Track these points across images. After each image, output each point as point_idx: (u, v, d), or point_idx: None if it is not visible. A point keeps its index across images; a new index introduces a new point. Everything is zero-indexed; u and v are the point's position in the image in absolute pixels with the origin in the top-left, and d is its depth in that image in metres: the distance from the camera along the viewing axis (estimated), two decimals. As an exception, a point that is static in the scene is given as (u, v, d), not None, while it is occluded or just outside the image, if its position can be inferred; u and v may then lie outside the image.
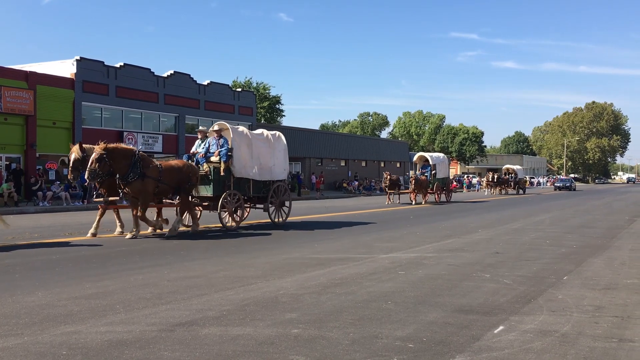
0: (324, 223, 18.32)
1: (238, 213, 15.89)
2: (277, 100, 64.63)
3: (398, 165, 66.33)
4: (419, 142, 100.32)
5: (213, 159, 15.46)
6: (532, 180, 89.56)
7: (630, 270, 9.64)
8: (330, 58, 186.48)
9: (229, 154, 15.41)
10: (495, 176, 50.14)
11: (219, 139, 15.62)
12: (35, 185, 26.99)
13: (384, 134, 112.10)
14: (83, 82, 31.51)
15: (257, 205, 17.37)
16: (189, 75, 38.81)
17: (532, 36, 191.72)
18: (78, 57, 31.65)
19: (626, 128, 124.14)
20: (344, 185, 50.66)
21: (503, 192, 49.91)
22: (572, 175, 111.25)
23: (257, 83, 62.27)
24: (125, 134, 33.69)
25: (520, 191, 52.34)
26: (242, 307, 6.52)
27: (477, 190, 60.47)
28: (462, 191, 57.16)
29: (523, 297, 7.35)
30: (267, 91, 62.77)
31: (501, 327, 5.85)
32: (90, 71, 32.03)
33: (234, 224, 15.59)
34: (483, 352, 5.04)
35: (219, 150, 15.41)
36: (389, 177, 32.99)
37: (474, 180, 68.94)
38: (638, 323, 6.17)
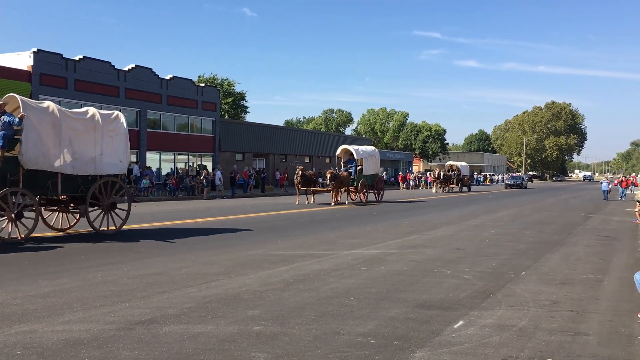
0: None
1: (30, 220, 11.97)
2: (241, 96, 64.17)
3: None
4: (383, 139, 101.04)
5: None
6: (493, 177, 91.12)
7: (585, 266, 9.92)
8: (295, 54, 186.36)
9: (17, 137, 11.76)
10: (442, 173, 47.66)
11: (1, 116, 11.87)
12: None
13: (348, 131, 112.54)
14: (40, 74, 30.67)
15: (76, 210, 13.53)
16: (151, 69, 38.17)
17: (493, 36, 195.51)
18: (35, 49, 30.78)
19: (583, 127, 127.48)
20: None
21: (447, 189, 47.55)
22: (530, 173, 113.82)
23: (221, 79, 61.73)
24: (84, 128, 32.89)
25: (465, 189, 49.92)
26: (203, 304, 6.46)
27: (425, 189, 58.64)
28: (396, 190, 57.62)
29: (482, 292, 7.48)
30: (232, 87, 62.25)
31: (461, 322, 5.95)
32: (48, 64, 31.19)
33: (20, 236, 11.41)
34: (443, 347, 5.11)
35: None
36: (300, 172, 26.88)
37: (411, 176, 62.87)
38: (593, 317, 6.35)
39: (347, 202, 27.23)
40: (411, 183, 58.50)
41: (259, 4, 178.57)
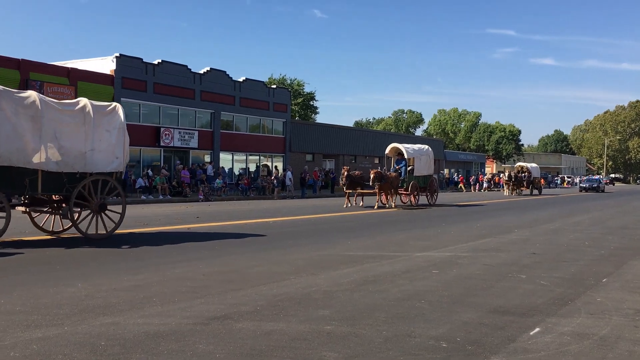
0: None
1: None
2: (311, 96, 64.75)
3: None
4: (454, 139, 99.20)
5: None
6: (570, 180, 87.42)
7: (673, 274, 9.36)
8: (365, 55, 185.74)
9: None
10: (513, 174, 44.77)
11: None
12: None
13: (419, 132, 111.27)
14: (122, 78, 32.13)
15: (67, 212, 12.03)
16: (225, 72, 39.19)
17: (572, 32, 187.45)
18: (117, 54, 32.29)
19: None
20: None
21: (515, 192, 44.70)
22: (612, 175, 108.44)
23: (291, 80, 62.50)
24: (162, 129, 34.23)
25: (535, 191, 47.16)
26: (275, 302, 6.57)
27: (485, 191, 57.48)
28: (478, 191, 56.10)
29: (560, 299, 7.21)
30: (301, 88, 62.91)
31: (537, 329, 5.76)
32: (129, 68, 32.65)
33: None
34: (518, 354, 4.96)
35: None
36: (346, 172, 24.93)
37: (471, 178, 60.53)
38: (681, 328, 5.99)
39: (393, 205, 25.08)
40: (484, 184, 57.16)
41: (329, 5, 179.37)
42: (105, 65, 32.29)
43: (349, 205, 24.74)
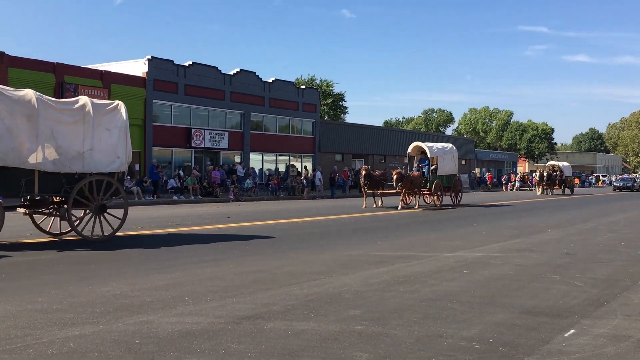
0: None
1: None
2: (340, 97, 64.76)
3: (464, 162, 65.05)
4: (485, 139, 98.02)
5: None
6: (605, 179, 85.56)
7: None
8: (393, 54, 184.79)
9: None
10: (545, 174, 43.41)
11: None
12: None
13: (449, 131, 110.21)
14: (154, 80, 32.63)
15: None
16: (255, 73, 39.47)
17: (606, 28, 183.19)
18: (149, 57, 32.80)
19: None
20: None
21: (548, 192, 43.54)
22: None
23: (320, 80, 62.59)
24: (193, 130, 34.64)
25: (567, 191, 45.88)
26: (306, 302, 6.59)
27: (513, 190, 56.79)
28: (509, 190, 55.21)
29: (596, 300, 7.07)
30: (330, 88, 62.97)
31: (572, 331, 5.66)
32: (161, 70, 33.13)
33: None
34: (553, 356, 4.89)
35: None
36: (365, 172, 24.09)
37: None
38: None
39: (416, 206, 24.61)
40: (517, 184, 56.28)
41: (358, 5, 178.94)
42: (138, 67, 32.84)
43: (370, 205, 24.29)
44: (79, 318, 5.69)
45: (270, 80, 40.75)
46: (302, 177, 36.64)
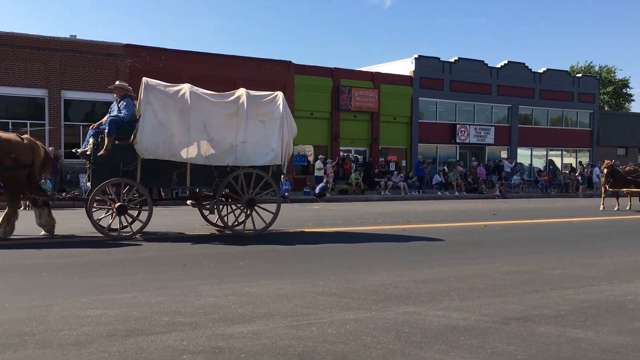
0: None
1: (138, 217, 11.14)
2: (624, 83, 57.91)
3: None
4: None
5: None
6: None
7: None
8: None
9: (130, 120, 10.71)
10: None
11: (120, 101, 10.99)
12: (379, 175, 30.02)
13: None
14: (420, 78, 33.45)
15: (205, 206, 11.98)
16: (524, 64, 37.67)
17: None
18: (416, 56, 33.72)
19: None
20: None
21: None
22: None
23: (599, 66, 56.84)
24: (457, 126, 34.59)
25: None
26: (581, 308, 6.10)
27: None
28: None
29: None
30: (612, 74, 56.73)
31: None
32: (427, 68, 33.80)
33: (114, 234, 10.53)
34: None
35: (109, 117, 10.78)
36: (606, 169, 20.43)
37: None
38: None
39: None
40: None
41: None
42: (405, 67, 34.03)
43: (613, 207, 20.36)
44: (354, 303, 6.15)
45: (541, 71, 38.44)
46: (577, 174, 33.78)
